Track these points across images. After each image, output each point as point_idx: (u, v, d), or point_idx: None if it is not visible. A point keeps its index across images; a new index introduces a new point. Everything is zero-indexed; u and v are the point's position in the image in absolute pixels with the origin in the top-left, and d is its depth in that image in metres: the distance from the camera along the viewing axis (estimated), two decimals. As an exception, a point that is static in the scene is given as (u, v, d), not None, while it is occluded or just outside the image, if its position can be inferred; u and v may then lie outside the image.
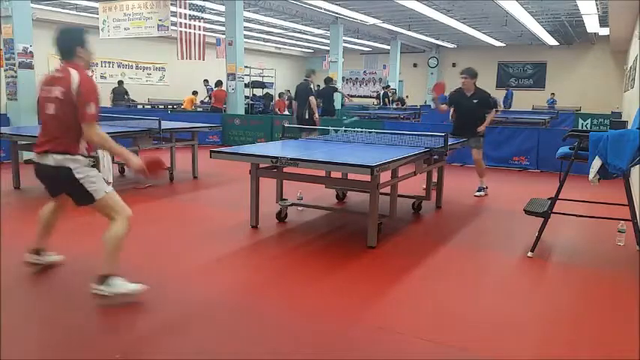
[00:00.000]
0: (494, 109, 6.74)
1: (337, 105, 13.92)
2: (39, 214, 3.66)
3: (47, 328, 2.92)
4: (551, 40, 19.56)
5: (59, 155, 3.17)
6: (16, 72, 8.42)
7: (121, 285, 3.20)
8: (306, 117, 8.56)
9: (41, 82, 3.32)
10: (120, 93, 16.46)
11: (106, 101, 15.50)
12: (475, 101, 6.58)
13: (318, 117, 8.72)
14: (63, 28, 3.33)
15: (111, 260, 3.21)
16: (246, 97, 15.02)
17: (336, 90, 11.91)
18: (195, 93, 17.09)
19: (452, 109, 6.85)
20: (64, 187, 3.33)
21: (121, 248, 3.25)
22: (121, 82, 17.02)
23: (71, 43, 3.25)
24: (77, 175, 3.18)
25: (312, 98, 8.52)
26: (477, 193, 6.77)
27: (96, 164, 3.33)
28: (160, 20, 10.65)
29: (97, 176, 3.30)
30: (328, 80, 11.95)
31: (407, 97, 22.84)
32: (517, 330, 3.02)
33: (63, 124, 3.18)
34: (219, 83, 14.60)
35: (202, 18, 13.50)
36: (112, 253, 3.20)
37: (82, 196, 3.24)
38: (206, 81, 18.07)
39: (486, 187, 6.85)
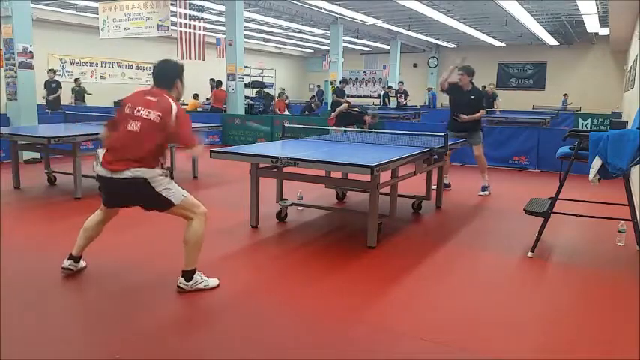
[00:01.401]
0: (483, 110, 6.81)
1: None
2: (85, 225, 3.65)
3: (46, 328, 2.92)
4: (551, 40, 19.56)
5: (137, 170, 3.26)
6: (16, 72, 8.43)
7: (202, 280, 3.46)
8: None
9: (128, 99, 3.44)
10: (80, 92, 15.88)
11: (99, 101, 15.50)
12: (472, 97, 6.67)
13: (332, 116, 9.19)
14: (167, 60, 3.61)
15: (193, 256, 3.43)
16: (246, 97, 15.00)
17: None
18: (196, 96, 16.82)
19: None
20: (140, 198, 3.39)
21: (201, 245, 3.46)
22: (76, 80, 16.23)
23: (173, 74, 3.50)
24: (155, 186, 3.31)
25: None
26: (482, 193, 6.78)
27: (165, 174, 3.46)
28: (160, 20, 10.65)
29: (172, 183, 3.46)
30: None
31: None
32: (517, 330, 3.02)
33: (148, 144, 3.30)
34: (218, 83, 14.60)
35: (202, 18, 13.51)
36: (193, 250, 3.42)
37: (161, 204, 3.38)
38: (212, 80, 17.92)
39: (489, 186, 6.86)
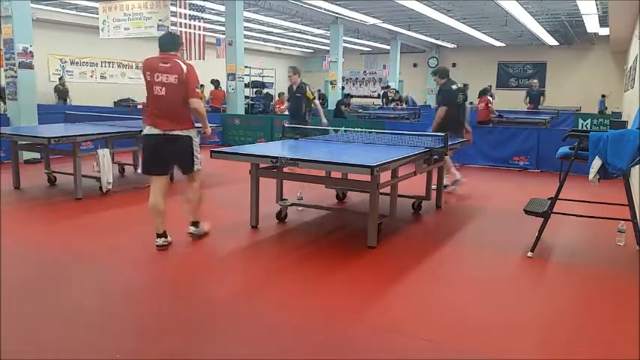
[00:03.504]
0: (443, 107, 6.62)
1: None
2: (149, 206, 4.26)
3: (46, 328, 2.92)
4: (551, 40, 19.55)
5: (184, 130, 4.15)
6: (16, 72, 8.43)
7: (203, 229, 4.57)
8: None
9: (145, 68, 4.19)
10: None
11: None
12: (439, 96, 6.83)
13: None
14: (169, 32, 4.56)
15: (198, 210, 4.52)
16: (246, 97, 14.99)
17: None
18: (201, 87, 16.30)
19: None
20: (179, 154, 4.22)
21: (202, 201, 4.58)
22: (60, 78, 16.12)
23: (177, 40, 4.33)
24: (194, 147, 4.22)
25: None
26: (452, 187, 6.87)
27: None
28: (159, 20, 10.64)
29: (199, 153, 4.28)
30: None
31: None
32: (517, 330, 3.02)
33: (178, 104, 4.12)
34: (217, 83, 14.63)
35: (202, 18, 13.49)
36: (196, 205, 4.50)
37: (189, 165, 4.26)
38: (213, 80, 17.86)
39: (457, 180, 6.90)
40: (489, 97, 10.87)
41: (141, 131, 6.73)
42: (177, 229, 4.94)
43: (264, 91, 18.40)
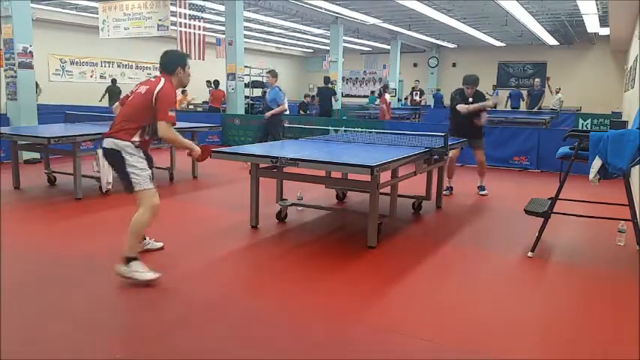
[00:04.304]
0: (484, 112, 6.73)
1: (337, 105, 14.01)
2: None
3: (46, 328, 2.92)
4: (551, 40, 19.55)
5: (111, 139, 3.59)
6: (15, 72, 8.43)
7: (137, 271, 3.52)
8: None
9: (139, 83, 3.82)
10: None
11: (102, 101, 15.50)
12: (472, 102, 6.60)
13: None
14: (170, 50, 3.87)
15: (131, 244, 3.58)
16: (246, 97, 14.98)
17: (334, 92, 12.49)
18: (183, 92, 16.25)
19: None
20: (114, 168, 3.69)
21: (141, 235, 3.74)
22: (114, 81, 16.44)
23: (174, 61, 3.74)
24: (125, 159, 3.55)
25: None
26: (483, 192, 6.82)
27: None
28: (159, 20, 10.65)
29: (143, 168, 3.61)
30: (327, 80, 12.06)
31: (406, 98, 22.83)
32: (517, 330, 3.01)
33: (130, 111, 3.64)
34: (216, 83, 14.63)
35: (202, 18, 13.50)
36: (131, 239, 3.57)
37: (125, 182, 3.60)
38: (209, 82, 17.97)
39: (485, 186, 6.89)
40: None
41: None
42: (177, 229, 4.94)
43: (264, 90, 18.38)
